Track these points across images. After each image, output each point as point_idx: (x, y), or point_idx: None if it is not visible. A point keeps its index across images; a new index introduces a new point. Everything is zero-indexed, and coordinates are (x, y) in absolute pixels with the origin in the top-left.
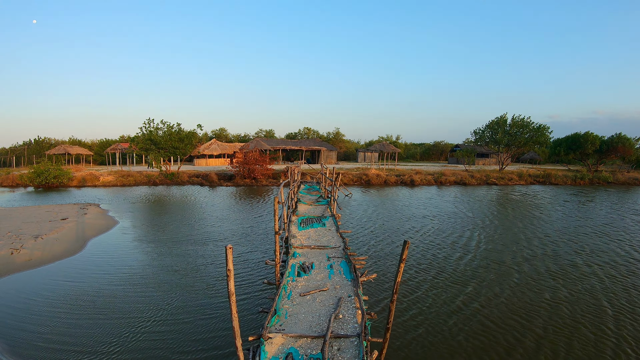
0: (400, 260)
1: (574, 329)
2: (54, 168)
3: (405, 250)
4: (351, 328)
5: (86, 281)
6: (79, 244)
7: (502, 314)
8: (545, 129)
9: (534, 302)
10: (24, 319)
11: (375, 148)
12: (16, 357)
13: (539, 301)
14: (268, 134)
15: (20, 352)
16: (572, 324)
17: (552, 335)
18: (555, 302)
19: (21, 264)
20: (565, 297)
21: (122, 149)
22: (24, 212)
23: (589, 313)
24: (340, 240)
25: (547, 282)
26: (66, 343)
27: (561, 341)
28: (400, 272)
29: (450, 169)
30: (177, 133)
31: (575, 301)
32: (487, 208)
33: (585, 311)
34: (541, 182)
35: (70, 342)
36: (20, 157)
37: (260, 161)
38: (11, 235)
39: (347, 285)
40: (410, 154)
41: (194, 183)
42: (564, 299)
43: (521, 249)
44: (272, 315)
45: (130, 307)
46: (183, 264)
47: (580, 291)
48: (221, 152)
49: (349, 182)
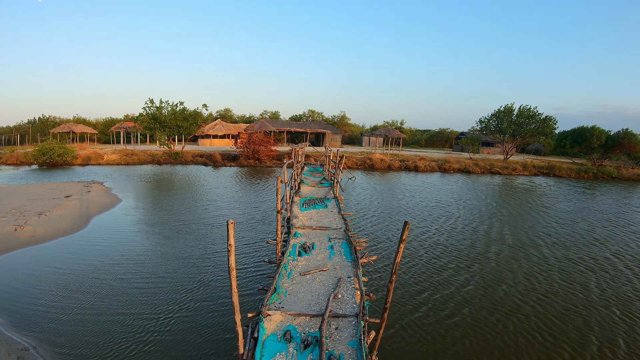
0: (400, 240)
1: (586, 310)
2: (59, 146)
3: (406, 230)
4: (349, 308)
5: (88, 257)
6: (82, 221)
7: (501, 299)
8: (552, 121)
9: (534, 286)
10: (27, 294)
11: (380, 133)
12: (19, 331)
13: (539, 286)
14: (273, 115)
15: (23, 326)
16: (584, 304)
17: (561, 319)
18: (561, 288)
19: (24, 240)
20: (565, 284)
21: (127, 127)
22: (28, 189)
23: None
24: (342, 221)
25: (545, 267)
26: (67, 318)
27: (567, 325)
28: (399, 252)
29: (454, 157)
30: (180, 112)
31: (576, 284)
32: (489, 196)
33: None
34: (545, 173)
35: (71, 318)
36: (25, 136)
37: (264, 142)
38: (15, 212)
39: (347, 266)
40: (415, 139)
41: (198, 163)
42: (569, 285)
43: (521, 236)
44: (271, 293)
45: (130, 282)
46: (183, 241)
47: (581, 281)
48: (226, 132)
49: (352, 165)
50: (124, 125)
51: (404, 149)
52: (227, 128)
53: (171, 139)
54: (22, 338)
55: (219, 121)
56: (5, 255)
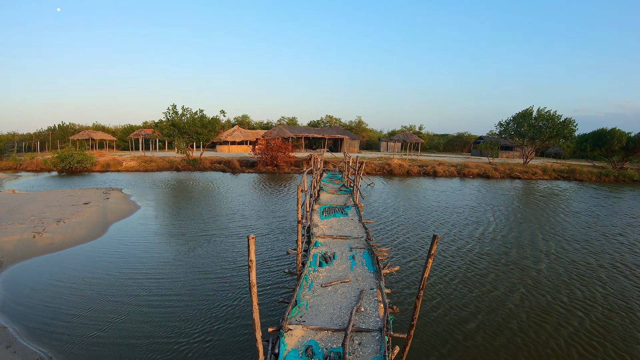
0: (428, 255)
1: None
2: (78, 153)
3: (435, 245)
4: (373, 322)
5: (105, 268)
6: (100, 228)
7: (529, 314)
8: (571, 123)
9: (565, 303)
10: (43, 303)
11: (398, 138)
12: (35, 340)
13: (570, 302)
14: (291, 121)
15: (39, 335)
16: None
17: (584, 333)
18: (585, 301)
19: (43, 247)
20: (595, 296)
21: (145, 134)
22: (47, 196)
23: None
24: (362, 230)
25: (577, 283)
26: (83, 330)
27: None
28: (428, 267)
29: (473, 161)
30: (200, 119)
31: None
32: (511, 202)
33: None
34: (565, 177)
35: (87, 330)
36: (45, 142)
37: (282, 148)
38: (34, 219)
39: (369, 277)
40: (433, 144)
41: (216, 169)
42: (595, 298)
43: (550, 247)
44: (292, 306)
45: (148, 292)
46: (203, 251)
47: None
48: (243, 139)
49: (371, 171)
50: (142, 132)
51: (422, 154)
52: (245, 134)
53: (189, 145)
54: (39, 348)
55: (237, 128)
56: (23, 262)
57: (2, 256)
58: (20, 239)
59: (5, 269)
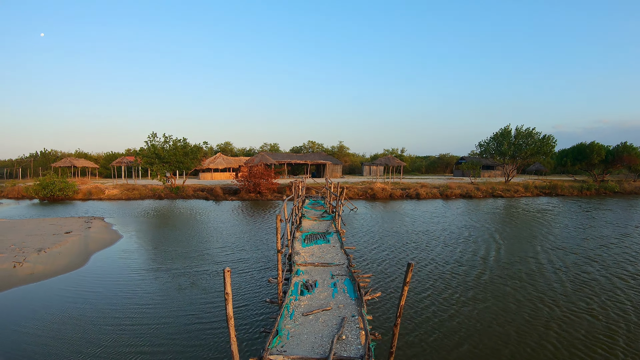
0: (404, 283)
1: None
2: (60, 181)
3: (409, 272)
4: (354, 350)
5: (87, 296)
6: (82, 258)
7: (513, 335)
8: (550, 139)
9: (548, 320)
10: (24, 333)
11: (381, 162)
12: None
13: (554, 318)
14: (273, 147)
15: None
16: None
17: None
18: (574, 315)
19: (23, 277)
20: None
21: (128, 162)
22: (28, 224)
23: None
24: (344, 257)
25: (562, 297)
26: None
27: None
28: (404, 295)
29: (455, 182)
30: (182, 147)
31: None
32: (493, 221)
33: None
34: (547, 193)
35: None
36: (27, 169)
37: (265, 175)
38: (14, 248)
39: (350, 304)
40: (416, 167)
41: (199, 197)
42: (583, 311)
43: (530, 263)
44: (273, 336)
45: (130, 324)
46: (184, 280)
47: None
48: (226, 166)
49: (354, 196)
50: (125, 160)
51: (405, 176)
52: (228, 162)
53: (172, 173)
54: None
55: (220, 155)
56: (4, 292)
57: None
58: (0, 269)
59: None
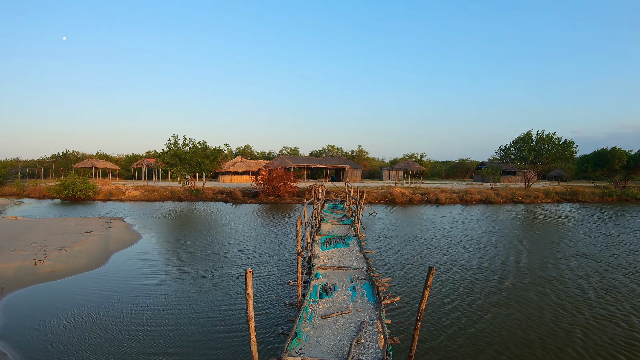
0: (424, 287)
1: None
2: (81, 181)
3: (430, 276)
4: (373, 353)
5: (105, 295)
6: (102, 257)
7: (537, 341)
8: (571, 145)
9: (572, 327)
10: (42, 329)
11: (400, 166)
12: None
13: (578, 324)
14: (292, 151)
15: None
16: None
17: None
18: (593, 324)
19: (43, 275)
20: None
21: (148, 164)
22: (50, 223)
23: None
24: (363, 261)
25: (586, 303)
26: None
27: None
28: (424, 299)
29: (475, 187)
30: (202, 150)
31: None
32: (514, 227)
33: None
34: (568, 199)
35: (86, 355)
36: (48, 170)
37: (284, 179)
38: (36, 246)
39: (369, 308)
40: (435, 172)
41: (219, 199)
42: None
43: (552, 270)
44: (292, 338)
45: (148, 323)
46: (203, 282)
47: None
48: (246, 169)
49: (373, 200)
50: (145, 162)
51: (425, 181)
52: (247, 165)
53: (192, 175)
54: None
55: (239, 158)
56: (24, 289)
57: (2, 282)
58: (21, 266)
59: (5, 295)
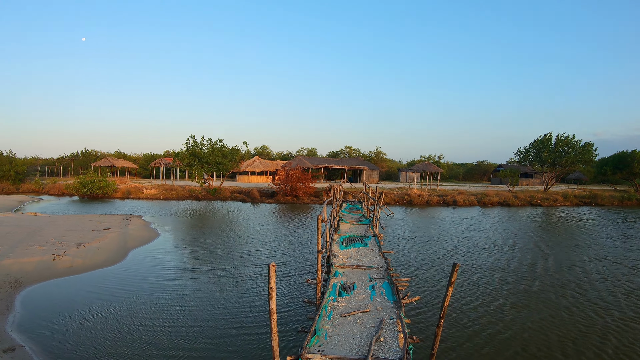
0: (448, 283)
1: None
2: (99, 179)
3: (455, 273)
4: (393, 352)
5: (123, 291)
6: (120, 254)
7: (554, 344)
8: (591, 147)
9: (604, 331)
10: (60, 323)
11: (418, 168)
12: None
13: (609, 328)
14: (310, 152)
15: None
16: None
17: None
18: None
19: (62, 270)
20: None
21: (166, 163)
22: (69, 220)
23: None
24: (382, 260)
25: (614, 307)
26: (98, 350)
27: None
28: (448, 295)
29: (493, 190)
30: (220, 149)
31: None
32: (534, 229)
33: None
34: (587, 203)
35: (103, 350)
36: (67, 168)
37: (302, 179)
38: (55, 242)
39: (389, 307)
40: (453, 174)
41: (236, 199)
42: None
43: (577, 272)
44: (311, 335)
45: (167, 318)
46: (222, 280)
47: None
48: (263, 169)
49: (390, 201)
50: (163, 161)
51: (442, 183)
52: (265, 165)
53: (209, 175)
54: None
55: (257, 158)
56: (43, 283)
57: (21, 276)
58: (40, 261)
59: (24, 288)
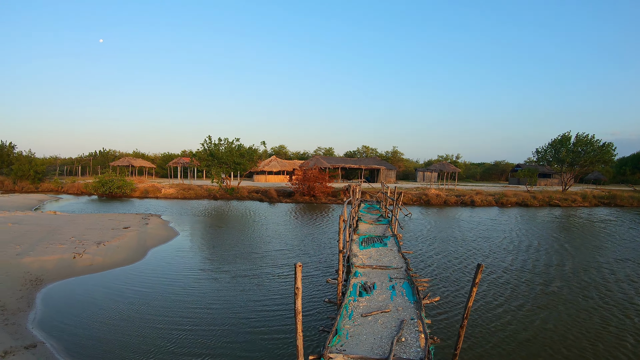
0: (472, 284)
1: None
2: (118, 179)
3: (479, 273)
4: (414, 352)
5: (143, 290)
6: (139, 252)
7: (580, 347)
8: (610, 147)
9: (621, 335)
10: (80, 320)
11: (435, 168)
12: (70, 356)
13: (626, 331)
14: (327, 152)
15: (74, 351)
16: None
17: None
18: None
19: (82, 268)
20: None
21: (184, 163)
22: (88, 219)
23: None
24: (402, 260)
25: (632, 308)
26: (118, 347)
27: None
28: (472, 296)
29: (511, 190)
30: (237, 149)
31: None
32: (553, 230)
33: None
34: (606, 203)
35: (123, 347)
36: (86, 167)
37: (319, 179)
38: (74, 240)
39: (409, 307)
40: (470, 173)
41: (254, 198)
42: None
43: (599, 273)
44: (333, 335)
45: (187, 318)
46: (241, 279)
47: None
48: (280, 169)
49: (408, 201)
50: (181, 161)
51: (459, 183)
52: (282, 164)
53: (227, 175)
54: None
55: (274, 158)
56: (63, 280)
57: (42, 274)
58: (60, 259)
59: (45, 286)
